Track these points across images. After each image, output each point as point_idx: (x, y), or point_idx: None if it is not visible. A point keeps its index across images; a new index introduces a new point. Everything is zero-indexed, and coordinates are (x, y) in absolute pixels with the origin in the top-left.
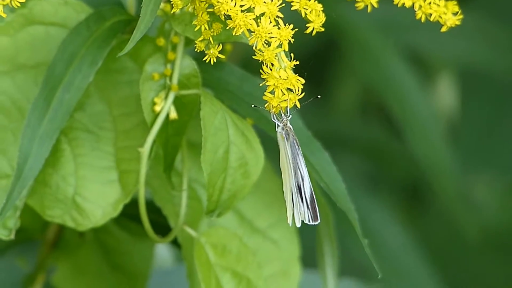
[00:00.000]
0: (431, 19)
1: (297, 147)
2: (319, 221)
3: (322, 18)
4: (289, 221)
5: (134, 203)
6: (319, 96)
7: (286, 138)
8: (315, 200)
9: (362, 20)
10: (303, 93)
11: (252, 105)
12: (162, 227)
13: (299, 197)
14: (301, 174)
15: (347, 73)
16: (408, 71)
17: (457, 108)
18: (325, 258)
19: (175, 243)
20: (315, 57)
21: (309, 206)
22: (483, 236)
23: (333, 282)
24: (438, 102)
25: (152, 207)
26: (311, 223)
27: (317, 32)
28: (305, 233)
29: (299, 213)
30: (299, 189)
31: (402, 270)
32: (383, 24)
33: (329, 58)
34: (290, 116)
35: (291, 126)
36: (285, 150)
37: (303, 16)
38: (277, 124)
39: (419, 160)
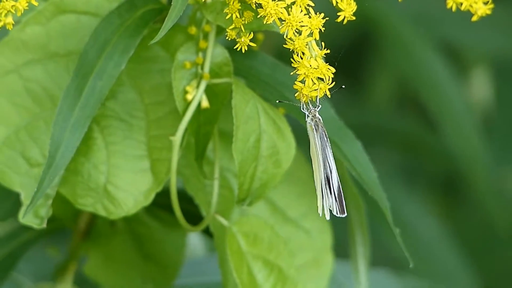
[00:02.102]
0: (462, 8)
1: (326, 139)
2: (345, 214)
3: (353, 6)
4: (319, 211)
5: (165, 192)
6: (343, 86)
7: (315, 129)
8: (342, 193)
9: (396, 12)
10: (334, 83)
11: (277, 101)
12: (194, 216)
13: (328, 189)
14: (329, 166)
15: (382, 66)
16: (443, 64)
17: (491, 101)
18: (357, 248)
19: (207, 232)
20: (350, 50)
21: (337, 199)
22: None
23: (365, 272)
24: (472, 95)
25: (183, 196)
26: (338, 215)
27: (351, 25)
28: (337, 223)
29: (328, 205)
30: (328, 180)
31: (435, 262)
32: (417, 16)
33: (364, 51)
34: (320, 106)
35: (320, 117)
36: (315, 141)
37: (334, 4)
38: (307, 115)
39: (453, 153)
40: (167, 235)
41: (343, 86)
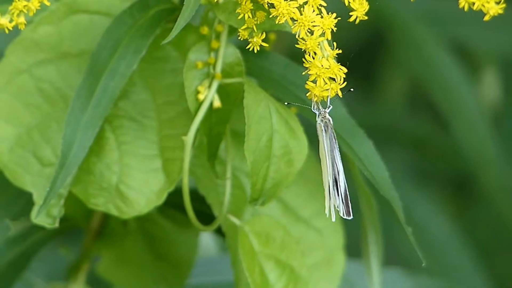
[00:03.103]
0: (474, 8)
1: (334, 140)
2: (351, 217)
3: (366, 6)
4: (327, 211)
5: (178, 192)
6: (352, 89)
7: (325, 130)
8: (348, 196)
9: (408, 12)
10: (345, 83)
11: (286, 103)
12: (206, 216)
13: (335, 190)
14: (337, 168)
15: (393, 66)
16: (454, 63)
17: (501, 100)
18: (369, 247)
19: (219, 232)
20: (362, 50)
21: (344, 201)
22: None
23: (378, 271)
24: (483, 94)
25: (196, 196)
26: (344, 217)
27: (363, 25)
28: (350, 222)
29: (336, 205)
30: (336, 182)
31: (447, 262)
32: (429, 16)
33: (376, 51)
34: (331, 107)
35: (330, 118)
36: (324, 142)
37: (346, 4)
38: (317, 115)
39: (465, 152)
40: (180, 235)
41: (352, 89)
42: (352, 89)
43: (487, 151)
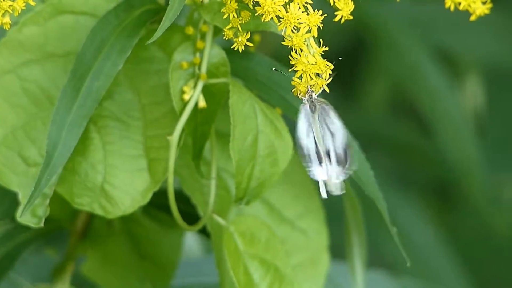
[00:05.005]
0: (460, 7)
1: (324, 118)
2: (353, 168)
3: (351, 6)
4: (322, 191)
5: (162, 193)
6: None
7: (312, 110)
8: (342, 156)
9: (391, 18)
10: (331, 78)
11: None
12: (191, 217)
13: (328, 161)
14: (326, 141)
15: (377, 72)
16: (437, 69)
17: (484, 106)
18: (353, 249)
19: (204, 232)
20: (345, 56)
21: (338, 163)
22: (511, 235)
23: (361, 272)
24: (466, 100)
25: (180, 197)
26: (340, 179)
27: (346, 31)
28: (334, 224)
29: (329, 177)
30: (328, 155)
31: (429, 266)
32: (412, 22)
33: (358, 56)
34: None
35: (316, 98)
36: (308, 123)
37: (332, 4)
38: (304, 100)
39: (448, 158)
40: (164, 236)
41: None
42: (328, 91)
43: (470, 157)
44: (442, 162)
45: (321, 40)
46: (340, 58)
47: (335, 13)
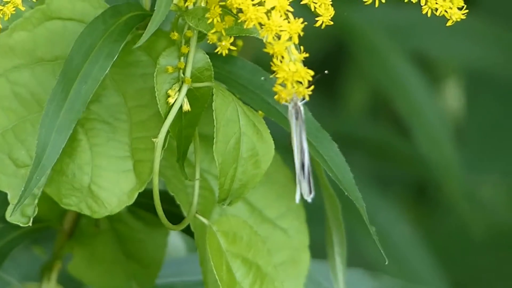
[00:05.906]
0: (437, 13)
1: (303, 128)
2: (313, 194)
3: (331, 11)
4: (297, 196)
5: (148, 193)
6: (326, 72)
7: (295, 118)
8: (311, 175)
9: (371, 23)
10: (312, 86)
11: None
12: (175, 216)
13: (303, 174)
14: (304, 152)
15: (356, 75)
16: (415, 73)
17: (463, 109)
18: (334, 248)
19: (188, 232)
20: (326, 60)
21: (308, 181)
22: (489, 235)
23: (342, 270)
24: (445, 103)
25: (165, 197)
26: (307, 197)
27: (326, 36)
28: (315, 224)
29: (302, 190)
30: (303, 166)
31: (408, 266)
32: (392, 27)
33: (339, 61)
34: (305, 99)
35: (300, 106)
36: (294, 128)
37: (313, 9)
38: (290, 103)
39: (426, 160)
40: (149, 235)
41: (326, 72)
42: (325, 72)
43: (448, 159)
44: (420, 163)
45: (301, 47)
46: (326, 72)
47: (316, 18)
